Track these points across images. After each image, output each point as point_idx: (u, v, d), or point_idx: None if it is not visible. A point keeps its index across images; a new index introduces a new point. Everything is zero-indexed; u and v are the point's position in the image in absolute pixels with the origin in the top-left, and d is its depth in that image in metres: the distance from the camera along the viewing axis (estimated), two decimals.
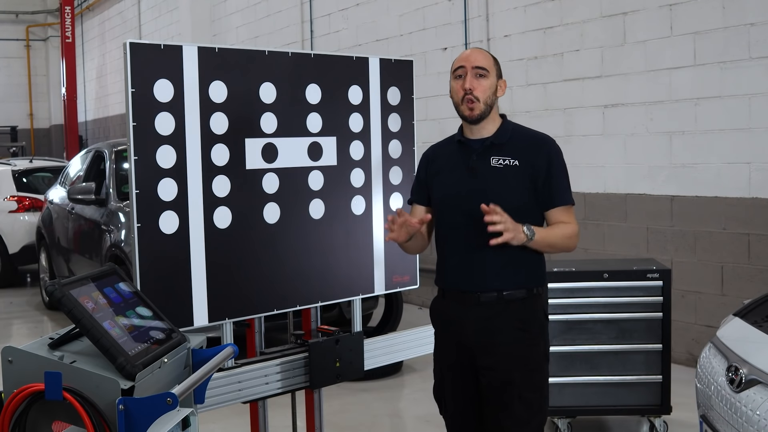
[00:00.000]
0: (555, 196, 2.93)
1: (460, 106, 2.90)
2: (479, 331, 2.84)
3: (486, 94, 2.89)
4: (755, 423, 2.73)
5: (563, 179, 2.99)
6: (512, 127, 3.00)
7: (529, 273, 2.88)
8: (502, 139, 2.92)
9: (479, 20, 7.58)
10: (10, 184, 10.30)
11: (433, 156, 3.06)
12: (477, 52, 2.98)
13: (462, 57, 2.96)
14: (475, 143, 2.93)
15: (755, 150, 5.48)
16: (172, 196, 2.92)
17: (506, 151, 2.90)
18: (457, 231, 2.89)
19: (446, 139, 3.12)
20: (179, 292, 2.95)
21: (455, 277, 2.89)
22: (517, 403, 2.80)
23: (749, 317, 3.30)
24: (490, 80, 2.91)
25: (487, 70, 2.91)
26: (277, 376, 3.19)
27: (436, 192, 2.98)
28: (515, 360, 2.82)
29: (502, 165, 2.88)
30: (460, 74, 2.91)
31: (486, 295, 2.83)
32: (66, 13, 18.41)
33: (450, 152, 3.00)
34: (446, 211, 2.94)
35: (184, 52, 2.95)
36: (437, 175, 2.99)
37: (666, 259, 5.89)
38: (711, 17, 5.66)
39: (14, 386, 2.15)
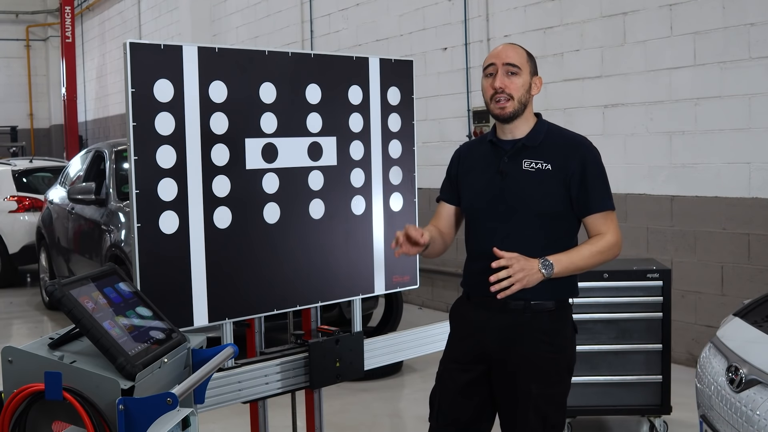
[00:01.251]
0: (591, 202, 2.77)
1: (490, 104, 2.78)
2: (502, 339, 2.75)
3: (519, 93, 2.74)
4: (755, 423, 2.73)
5: (600, 183, 2.81)
6: (547, 127, 2.86)
7: (560, 284, 2.74)
8: (535, 141, 2.79)
9: (479, 20, 7.58)
10: (10, 184, 10.31)
11: (466, 154, 2.97)
12: (509, 47, 2.82)
13: (493, 53, 2.82)
14: (506, 144, 2.81)
15: (755, 150, 5.48)
16: (172, 196, 2.92)
17: (539, 154, 2.77)
18: (486, 235, 2.77)
19: (480, 137, 3.04)
20: (179, 292, 2.94)
21: (482, 282, 2.70)
22: (532, 416, 2.71)
23: (749, 317, 3.30)
24: (522, 78, 2.76)
25: (519, 67, 2.76)
26: (277, 376, 3.19)
27: (466, 193, 2.89)
28: (534, 371, 2.72)
29: (534, 169, 2.75)
30: (491, 72, 2.77)
31: (514, 302, 2.71)
32: (66, 13, 18.41)
33: (482, 152, 2.89)
34: (476, 214, 2.85)
35: (184, 52, 2.95)
36: (467, 175, 2.90)
37: (666, 259, 5.89)
38: (711, 17, 5.66)
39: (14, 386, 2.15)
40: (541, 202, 2.73)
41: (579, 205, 2.77)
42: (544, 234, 2.75)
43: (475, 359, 2.81)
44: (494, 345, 2.77)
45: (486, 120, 7.43)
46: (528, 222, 2.74)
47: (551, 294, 2.75)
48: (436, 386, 2.93)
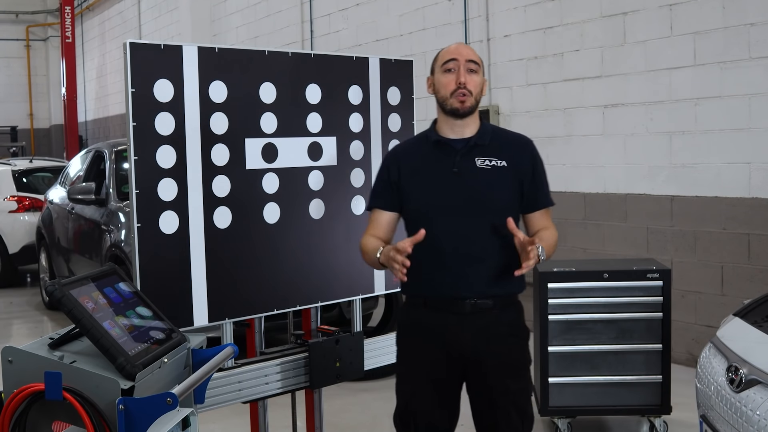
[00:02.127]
0: (540, 198, 2.84)
1: (449, 99, 2.75)
2: (477, 339, 2.74)
3: (477, 90, 2.77)
4: (755, 423, 2.73)
5: (545, 180, 2.88)
6: (491, 128, 2.89)
7: (514, 278, 2.75)
8: (485, 140, 2.80)
9: (479, 20, 7.58)
10: (10, 184, 10.30)
11: (405, 156, 2.87)
12: (465, 46, 2.85)
13: (452, 50, 2.81)
14: (456, 143, 2.78)
15: (755, 150, 5.48)
16: (172, 196, 2.92)
17: (491, 152, 2.78)
18: (447, 237, 2.72)
19: (414, 139, 2.99)
20: (179, 292, 2.94)
21: (447, 285, 2.73)
22: (513, 411, 2.76)
23: (749, 317, 3.30)
24: (480, 76, 2.79)
25: (478, 65, 2.79)
26: (277, 376, 3.19)
27: (417, 195, 2.79)
28: (509, 367, 2.78)
29: (489, 166, 2.76)
30: (451, 68, 2.76)
31: (483, 302, 2.73)
32: (66, 13, 18.41)
33: (426, 153, 2.82)
34: (429, 215, 2.75)
35: (184, 52, 2.95)
36: (416, 176, 2.80)
37: (666, 259, 5.89)
38: (711, 17, 5.66)
39: (14, 386, 2.15)
40: (499, 199, 2.76)
41: (529, 200, 2.81)
42: (502, 230, 2.74)
43: (449, 366, 2.78)
44: (469, 347, 2.75)
45: (486, 120, 7.42)
46: (486, 219, 2.73)
47: (512, 287, 2.80)
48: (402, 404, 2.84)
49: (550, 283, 4.40)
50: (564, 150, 6.84)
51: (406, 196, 2.82)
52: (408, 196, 2.81)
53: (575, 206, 6.73)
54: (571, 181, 6.79)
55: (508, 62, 7.33)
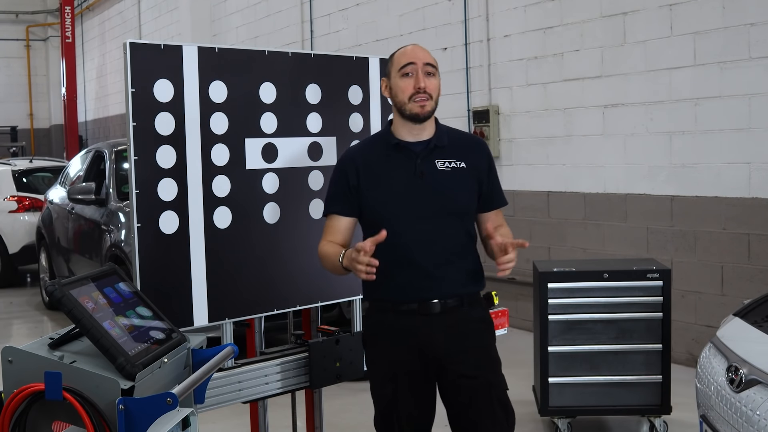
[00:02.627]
0: (496, 197, 2.89)
1: (407, 104, 2.72)
2: (449, 338, 2.74)
3: (436, 93, 2.76)
4: (755, 423, 2.73)
5: (498, 180, 2.93)
6: (446, 128, 2.88)
7: (477, 275, 2.84)
8: (443, 141, 2.81)
9: (479, 20, 7.58)
10: (10, 184, 10.31)
11: (364, 160, 2.81)
12: (422, 49, 2.81)
13: (409, 54, 2.76)
14: (416, 146, 2.78)
15: (755, 150, 5.48)
16: (172, 196, 2.92)
17: (450, 154, 2.80)
18: (413, 240, 2.71)
19: (369, 142, 2.93)
20: (179, 292, 2.94)
21: (414, 289, 2.73)
22: (497, 405, 2.75)
23: (749, 317, 3.30)
24: (437, 79, 2.78)
25: (435, 68, 2.78)
26: (277, 376, 3.19)
27: (379, 199, 2.76)
28: (487, 362, 2.79)
29: (449, 168, 2.77)
30: (409, 72, 2.73)
31: (450, 301, 2.75)
32: (66, 13, 18.41)
33: (385, 157, 2.79)
34: (397, 219, 2.73)
35: (184, 52, 2.95)
36: (376, 180, 2.77)
37: (666, 259, 5.89)
38: (711, 17, 5.66)
39: (14, 386, 2.15)
40: (461, 200, 2.78)
41: (486, 200, 2.85)
42: (464, 231, 2.80)
43: (424, 368, 2.77)
44: (442, 347, 2.75)
45: (486, 120, 7.43)
46: (450, 220, 2.75)
47: (475, 284, 2.83)
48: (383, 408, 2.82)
49: (550, 283, 4.40)
50: (564, 150, 6.84)
51: (366, 202, 2.79)
52: (369, 201, 2.78)
53: (575, 206, 6.73)
54: (571, 181, 6.79)
55: (508, 62, 7.33)
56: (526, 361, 5.14)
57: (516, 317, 6.53)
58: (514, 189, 7.18)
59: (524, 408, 4.98)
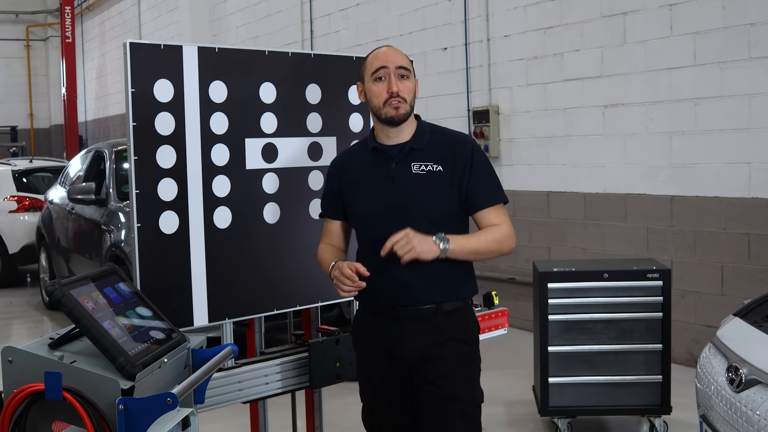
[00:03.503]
0: (481, 196, 2.72)
1: (382, 109, 2.68)
2: (418, 346, 2.69)
3: (410, 95, 2.70)
4: (755, 423, 2.73)
5: (489, 177, 2.75)
6: (429, 128, 2.79)
7: (463, 283, 2.75)
8: (421, 143, 2.73)
9: (479, 20, 7.58)
10: (10, 184, 10.31)
11: (345, 166, 2.84)
12: (394, 51, 2.75)
13: (381, 57, 2.72)
14: (392, 149, 2.74)
15: (755, 150, 5.48)
16: (172, 196, 2.92)
17: (427, 156, 2.71)
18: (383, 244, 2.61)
19: (355, 146, 2.93)
20: (179, 292, 2.94)
21: (388, 293, 2.69)
22: (459, 420, 2.67)
23: (749, 317, 3.30)
24: (411, 81, 2.72)
25: (409, 70, 2.72)
26: (277, 376, 3.19)
27: (356, 206, 2.78)
28: (457, 374, 2.70)
29: (425, 171, 2.69)
30: (382, 76, 2.68)
31: (424, 308, 2.68)
32: (66, 13, 18.41)
33: (364, 161, 2.79)
34: (368, 223, 2.74)
35: (184, 52, 2.95)
36: (354, 185, 2.79)
37: (666, 259, 5.89)
38: (711, 17, 5.66)
39: (14, 386, 2.15)
40: (435, 205, 2.68)
41: (470, 201, 2.72)
42: None
43: (396, 373, 2.75)
44: (412, 353, 2.70)
45: (486, 120, 7.43)
46: (423, 226, 2.63)
47: (456, 293, 2.73)
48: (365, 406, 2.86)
49: (550, 283, 4.40)
50: (564, 150, 6.84)
51: (348, 206, 2.81)
52: (349, 205, 2.80)
53: (575, 206, 6.73)
54: (571, 181, 6.79)
55: (508, 62, 7.33)
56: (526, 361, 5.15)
57: (516, 317, 6.53)
58: (514, 189, 7.18)
59: (524, 408, 4.98)
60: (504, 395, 5.25)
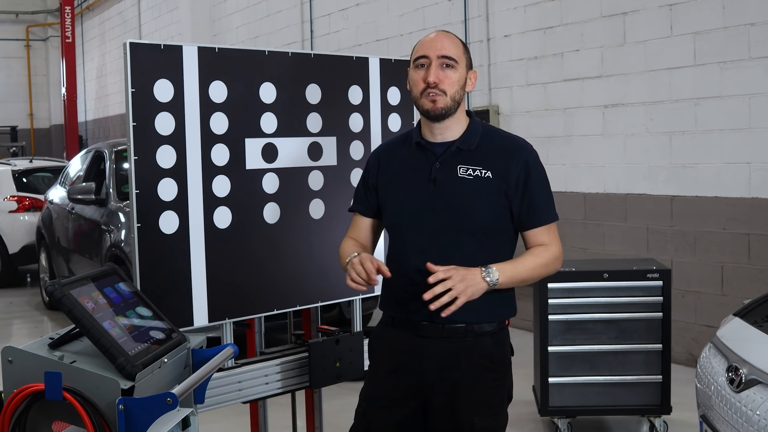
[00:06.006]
0: (536, 214, 2.47)
1: (419, 99, 2.45)
2: (441, 368, 2.45)
3: (454, 88, 2.42)
4: (755, 423, 2.73)
5: (545, 193, 2.49)
6: (482, 129, 2.52)
7: (501, 303, 2.48)
8: (471, 144, 2.47)
9: (479, 20, 7.58)
10: (10, 184, 10.31)
11: (387, 158, 2.59)
12: (445, 37, 2.46)
13: (425, 43, 2.46)
14: (437, 147, 2.48)
15: (755, 150, 5.48)
16: (172, 196, 2.92)
17: (476, 159, 2.45)
18: (415, 253, 2.44)
19: (400, 137, 2.67)
20: (179, 292, 2.94)
21: (414, 307, 2.42)
22: None
23: (749, 317, 3.30)
24: (458, 72, 2.44)
25: (455, 60, 2.43)
26: (277, 376, 3.19)
27: (390, 205, 2.54)
28: (478, 403, 2.44)
29: (471, 176, 2.43)
30: (423, 63, 2.43)
31: (453, 326, 2.41)
32: (66, 13, 18.42)
33: (406, 156, 2.54)
34: (404, 229, 2.50)
35: (184, 52, 2.95)
36: (391, 183, 2.54)
37: (666, 259, 5.89)
38: (711, 17, 5.66)
39: (14, 386, 2.15)
40: (481, 215, 2.42)
41: (522, 217, 2.47)
42: (484, 250, 2.44)
43: (409, 393, 2.50)
44: (433, 376, 2.45)
45: (486, 120, 7.44)
46: (465, 237, 2.43)
47: (492, 314, 2.48)
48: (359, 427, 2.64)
49: (550, 283, 4.40)
50: (564, 150, 6.84)
51: (383, 205, 2.58)
52: (384, 204, 2.58)
53: (575, 206, 6.73)
54: (571, 181, 6.79)
55: (508, 62, 7.33)
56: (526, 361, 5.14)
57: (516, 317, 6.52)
58: None
59: (524, 408, 4.98)
60: None
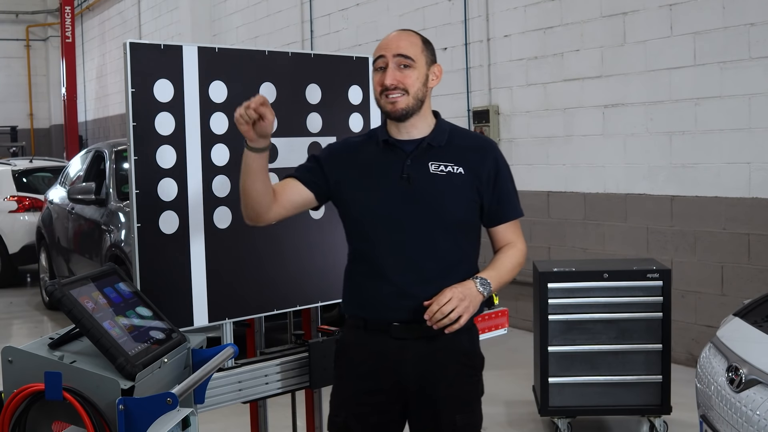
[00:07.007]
0: (504, 210, 2.50)
1: (380, 100, 2.43)
2: (421, 368, 2.44)
3: (414, 87, 2.40)
4: (755, 423, 2.73)
5: (512, 189, 2.53)
6: (449, 127, 2.53)
7: None
8: (441, 141, 2.46)
9: (479, 20, 7.58)
10: (10, 184, 10.32)
11: (347, 151, 2.55)
12: (402, 35, 2.45)
13: (383, 43, 2.45)
14: (406, 145, 2.46)
15: (755, 150, 5.48)
16: (172, 196, 2.92)
17: (447, 156, 2.45)
18: (391, 253, 2.42)
19: (362, 135, 2.65)
20: (179, 292, 2.94)
21: (389, 307, 2.43)
22: None
23: (749, 317, 3.30)
24: (417, 70, 2.41)
25: (413, 59, 2.41)
26: (277, 376, 3.19)
27: (359, 204, 2.49)
28: (458, 401, 2.46)
29: (444, 172, 2.43)
30: (381, 65, 2.42)
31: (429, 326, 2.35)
32: (66, 13, 18.42)
33: (372, 153, 2.50)
34: (377, 227, 2.45)
35: (184, 52, 2.95)
36: (356, 181, 2.49)
37: (666, 259, 5.89)
38: (711, 17, 5.66)
39: (14, 386, 2.15)
40: (455, 211, 2.44)
41: (492, 213, 2.49)
42: (458, 246, 2.46)
43: (389, 398, 2.48)
44: (413, 377, 2.45)
45: (486, 120, 7.43)
46: (440, 233, 2.43)
47: None
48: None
49: (550, 283, 4.40)
50: (564, 150, 6.84)
51: (345, 205, 2.54)
52: (348, 204, 2.53)
53: (575, 206, 6.73)
54: (571, 181, 6.79)
55: (508, 62, 7.33)
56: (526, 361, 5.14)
57: (516, 317, 6.53)
58: None
59: (524, 408, 4.98)
60: (504, 395, 5.25)
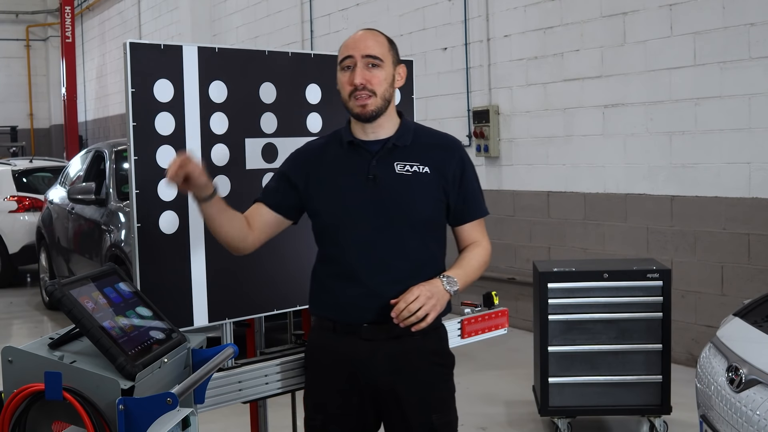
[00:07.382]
0: (470, 208, 2.51)
1: (349, 102, 2.43)
2: (393, 369, 2.44)
3: (383, 87, 2.41)
4: (755, 423, 2.73)
5: (478, 188, 2.55)
6: (414, 126, 2.54)
7: None
8: (406, 141, 2.47)
9: (479, 20, 7.58)
10: (10, 184, 10.32)
11: (312, 157, 2.55)
12: (369, 35, 2.45)
13: (349, 44, 2.44)
14: (371, 145, 2.47)
15: (755, 150, 5.48)
16: (172, 196, 2.92)
17: (412, 155, 2.46)
18: (359, 254, 2.43)
19: (326, 137, 2.64)
20: (179, 292, 2.94)
21: (358, 308, 2.44)
22: None
23: (749, 317, 3.30)
24: (385, 70, 2.43)
25: (381, 59, 2.42)
26: (277, 376, 3.18)
27: (326, 206, 2.49)
28: (434, 401, 2.47)
29: (409, 172, 2.43)
30: (348, 65, 2.42)
31: (399, 327, 2.35)
32: (66, 13, 18.42)
33: (338, 156, 2.51)
34: (345, 228, 2.47)
35: (184, 52, 2.94)
36: (323, 184, 2.50)
37: (666, 259, 5.89)
38: (711, 17, 5.66)
39: (14, 386, 2.14)
40: (422, 210, 2.44)
41: (458, 211, 2.51)
42: (425, 245, 2.47)
43: (363, 400, 2.48)
44: (385, 378, 2.44)
45: (486, 120, 7.43)
46: (408, 232, 2.44)
47: None
48: None
49: (550, 283, 4.40)
50: (564, 150, 6.84)
51: (313, 207, 2.55)
52: (316, 207, 2.53)
53: (575, 206, 6.73)
54: (571, 181, 6.79)
55: (508, 62, 7.33)
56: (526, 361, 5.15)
57: (516, 317, 6.53)
58: (514, 189, 7.18)
59: (524, 408, 4.98)
60: (504, 395, 5.25)
